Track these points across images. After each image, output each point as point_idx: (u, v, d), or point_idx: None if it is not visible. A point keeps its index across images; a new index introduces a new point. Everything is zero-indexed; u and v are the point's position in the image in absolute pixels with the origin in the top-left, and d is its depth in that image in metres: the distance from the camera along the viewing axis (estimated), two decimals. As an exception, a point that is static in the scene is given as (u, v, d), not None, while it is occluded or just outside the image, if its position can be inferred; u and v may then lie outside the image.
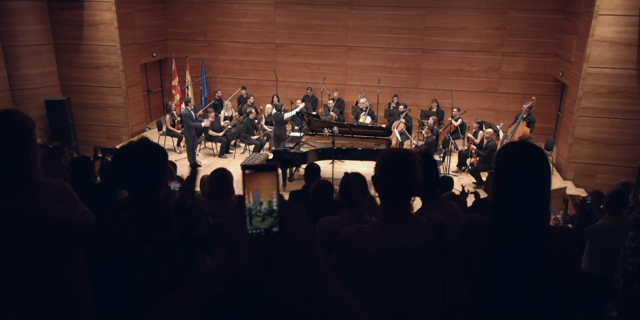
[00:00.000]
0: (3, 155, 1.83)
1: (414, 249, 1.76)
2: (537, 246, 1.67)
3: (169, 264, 1.84)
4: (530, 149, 1.70)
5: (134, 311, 1.87)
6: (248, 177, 0.93)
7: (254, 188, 0.93)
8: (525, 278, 1.68)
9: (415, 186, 1.80)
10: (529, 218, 1.66)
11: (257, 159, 9.25)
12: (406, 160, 1.76)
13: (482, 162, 8.82)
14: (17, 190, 1.85)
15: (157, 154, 1.86)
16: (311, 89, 11.86)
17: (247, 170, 0.93)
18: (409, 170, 1.76)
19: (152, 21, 12.09)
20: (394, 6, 11.43)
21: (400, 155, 1.78)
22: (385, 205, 1.81)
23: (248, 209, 0.92)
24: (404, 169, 1.76)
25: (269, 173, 0.93)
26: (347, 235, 1.80)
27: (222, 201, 3.46)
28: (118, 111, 10.99)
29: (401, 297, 1.78)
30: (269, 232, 0.91)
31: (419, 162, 1.81)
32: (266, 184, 0.93)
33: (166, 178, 1.93)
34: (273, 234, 0.91)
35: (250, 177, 0.93)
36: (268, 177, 0.93)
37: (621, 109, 8.88)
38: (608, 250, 4.33)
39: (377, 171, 1.80)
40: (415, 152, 1.92)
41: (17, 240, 1.83)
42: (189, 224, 1.86)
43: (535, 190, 1.66)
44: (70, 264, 1.96)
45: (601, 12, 8.53)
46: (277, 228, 0.92)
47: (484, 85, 11.65)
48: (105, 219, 1.86)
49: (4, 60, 9.91)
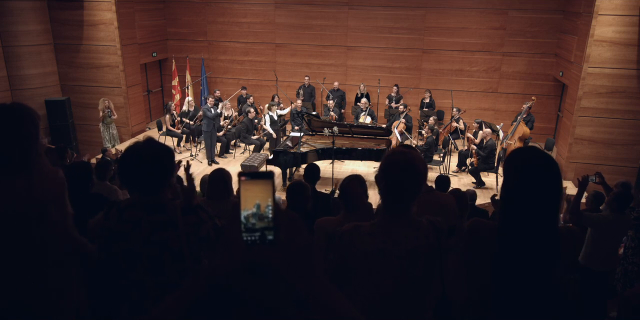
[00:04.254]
0: (9, 144, 1.90)
1: (411, 250, 1.75)
2: (548, 250, 1.67)
3: (174, 265, 1.83)
4: (538, 155, 1.69)
5: (139, 311, 1.86)
6: (244, 183, 0.93)
7: (249, 194, 0.93)
8: (534, 282, 1.68)
9: (420, 187, 1.78)
10: (539, 223, 1.66)
11: (257, 159, 9.25)
12: (412, 161, 1.74)
13: (482, 162, 8.82)
14: (23, 175, 1.90)
15: (164, 154, 1.84)
16: (309, 78, 11.81)
17: (242, 177, 0.94)
18: (414, 170, 1.74)
19: (152, 21, 12.10)
20: (394, 6, 11.43)
21: (406, 156, 1.76)
22: (387, 204, 1.80)
23: (243, 216, 0.92)
24: (409, 170, 1.74)
25: (265, 180, 0.94)
26: (344, 233, 1.79)
27: (220, 201, 3.49)
28: (118, 111, 10.98)
29: (398, 297, 1.78)
30: (264, 239, 0.91)
31: (425, 163, 1.80)
32: (262, 191, 0.93)
33: (173, 178, 1.93)
34: (268, 241, 0.91)
35: (246, 183, 0.93)
36: (263, 185, 0.93)
37: (621, 109, 8.88)
38: (609, 246, 4.34)
39: (381, 170, 1.78)
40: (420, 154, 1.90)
41: (11, 227, 1.86)
42: (195, 224, 1.85)
43: (546, 196, 1.66)
44: (66, 262, 1.98)
45: (601, 12, 8.53)
46: (271, 236, 0.92)
47: (484, 85, 11.65)
48: (110, 219, 1.85)
49: (4, 60, 9.91)
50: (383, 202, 1.81)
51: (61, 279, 1.96)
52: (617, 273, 4.43)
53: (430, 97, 11.30)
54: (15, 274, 1.88)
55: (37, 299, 1.89)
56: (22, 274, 1.88)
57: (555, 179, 1.68)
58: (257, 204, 0.93)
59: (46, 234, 1.92)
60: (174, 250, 1.82)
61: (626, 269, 4.36)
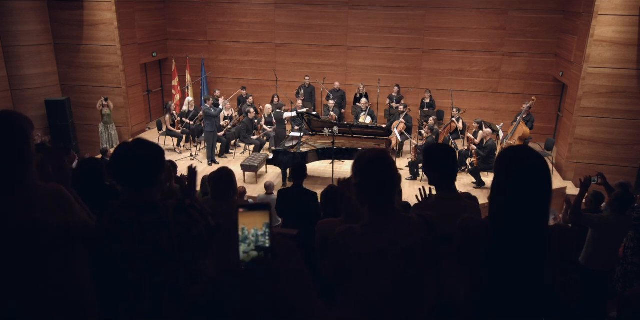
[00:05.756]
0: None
1: (406, 247, 1.76)
2: (538, 248, 1.67)
3: (167, 265, 1.84)
4: (529, 154, 1.70)
5: (133, 312, 1.87)
6: (242, 215, 1.01)
7: (247, 225, 1.00)
8: (525, 279, 1.69)
9: (397, 182, 1.83)
10: (530, 221, 1.67)
11: (257, 159, 9.25)
12: (384, 160, 1.79)
13: (482, 162, 8.82)
14: (11, 192, 1.83)
15: (153, 150, 1.87)
16: (309, 78, 11.82)
17: (240, 209, 1.02)
18: (388, 168, 1.79)
19: (152, 21, 12.10)
20: (394, 6, 11.43)
21: (378, 156, 1.80)
22: (372, 205, 1.81)
23: (241, 245, 0.99)
24: (384, 169, 1.78)
25: (262, 211, 1.02)
26: (338, 236, 1.80)
27: (225, 201, 3.48)
28: (118, 111, 11.00)
29: (396, 295, 1.78)
30: (261, 267, 0.97)
31: (393, 160, 1.85)
32: (259, 222, 1.01)
33: (164, 176, 1.93)
34: (265, 269, 0.96)
35: (244, 215, 1.01)
36: (261, 215, 1.01)
37: (621, 109, 8.88)
38: (609, 246, 4.34)
39: (358, 174, 1.80)
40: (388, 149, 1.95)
41: (11, 243, 1.82)
42: (187, 224, 1.86)
43: (536, 195, 1.67)
44: (70, 265, 1.96)
45: (601, 12, 8.53)
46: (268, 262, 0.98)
47: (484, 85, 11.65)
48: (105, 220, 1.86)
49: (4, 60, 9.91)
50: (368, 204, 1.81)
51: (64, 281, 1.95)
52: (617, 273, 4.44)
53: (430, 97, 11.31)
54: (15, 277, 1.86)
55: (38, 299, 1.89)
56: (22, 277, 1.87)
57: (545, 177, 1.69)
58: (253, 232, 1.00)
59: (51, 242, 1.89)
60: (166, 250, 1.83)
61: (625, 269, 4.36)
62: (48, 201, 1.87)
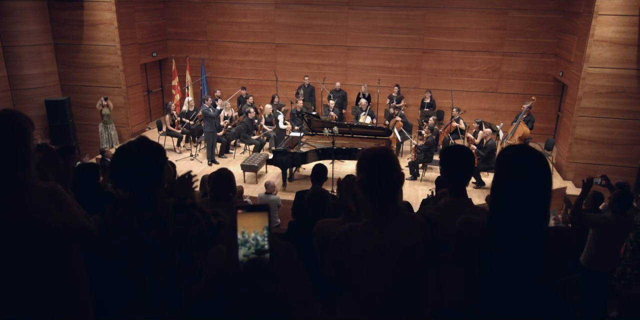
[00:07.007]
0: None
1: (408, 246, 1.76)
2: (538, 248, 1.67)
3: (163, 264, 1.83)
4: (529, 153, 1.69)
5: (129, 310, 1.87)
6: (240, 216, 1.01)
7: (245, 226, 1.01)
8: (522, 280, 1.68)
9: (401, 180, 1.83)
10: (530, 221, 1.67)
11: (257, 159, 9.25)
12: (388, 158, 1.79)
13: (482, 162, 8.82)
14: (10, 191, 1.83)
15: (155, 152, 1.86)
16: (309, 78, 11.81)
17: (239, 210, 1.02)
18: (392, 166, 1.78)
19: (152, 21, 12.09)
20: (394, 6, 11.43)
21: (382, 153, 1.80)
22: (374, 204, 1.81)
23: (240, 246, 1.00)
24: (388, 167, 1.77)
25: (260, 213, 1.02)
26: (340, 234, 1.80)
27: (225, 201, 3.48)
28: (118, 111, 10.99)
29: (397, 294, 1.78)
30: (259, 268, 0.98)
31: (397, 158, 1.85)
32: (258, 223, 1.01)
33: (164, 177, 1.93)
34: (263, 269, 0.96)
35: (243, 216, 1.02)
36: (259, 217, 1.02)
37: (621, 109, 8.88)
38: (610, 247, 4.33)
39: (362, 173, 1.80)
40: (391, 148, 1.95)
41: (9, 242, 1.82)
42: (186, 223, 1.85)
43: (536, 194, 1.66)
44: (67, 264, 1.96)
45: (601, 12, 8.53)
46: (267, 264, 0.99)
47: (484, 85, 11.65)
48: (106, 216, 1.87)
49: (4, 60, 9.91)
50: (371, 203, 1.81)
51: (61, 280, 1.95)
52: (616, 273, 4.43)
53: (430, 97, 11.31)
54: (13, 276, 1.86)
55: (35, 299, 1.89)
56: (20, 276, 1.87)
57: (545, 176, 1.68)
58: (253, 235, 1.00)
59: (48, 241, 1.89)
60: (163, 248, 1.82)
61: (625, 270, 4.36)
62: (46, 201, 1.87)
